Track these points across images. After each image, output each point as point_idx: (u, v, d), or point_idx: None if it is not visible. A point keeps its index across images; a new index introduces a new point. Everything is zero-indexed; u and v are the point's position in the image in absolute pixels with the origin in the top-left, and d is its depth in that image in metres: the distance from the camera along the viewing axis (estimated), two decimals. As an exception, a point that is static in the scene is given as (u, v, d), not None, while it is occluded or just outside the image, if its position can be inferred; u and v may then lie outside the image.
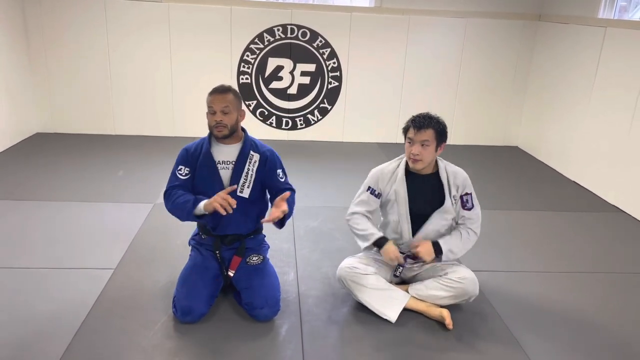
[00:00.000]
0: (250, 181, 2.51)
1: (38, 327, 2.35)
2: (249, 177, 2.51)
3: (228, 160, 2.51)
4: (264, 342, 2.33)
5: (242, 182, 2.50)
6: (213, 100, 2.43)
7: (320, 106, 5.73)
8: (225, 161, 2.52)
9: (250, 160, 2.51)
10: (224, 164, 2.51)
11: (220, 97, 2.43)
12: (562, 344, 2.44)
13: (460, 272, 2.54)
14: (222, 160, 2.51)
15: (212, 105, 2.43)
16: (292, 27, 5.42)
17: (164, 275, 2.83)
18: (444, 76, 5.72)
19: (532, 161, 5.50)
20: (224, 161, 2.51)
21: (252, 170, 2.51)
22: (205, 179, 2.50)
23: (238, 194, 2.48)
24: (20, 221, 3.45)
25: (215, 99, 2.43)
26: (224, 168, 2.51)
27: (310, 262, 3.09)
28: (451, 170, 2.59)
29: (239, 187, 2.49)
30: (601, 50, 4.54)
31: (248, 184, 2.50)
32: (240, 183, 2.49)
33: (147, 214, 3.64)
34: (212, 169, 2.49)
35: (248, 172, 2.50)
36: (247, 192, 2.51)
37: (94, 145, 5.23)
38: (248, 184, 2.50)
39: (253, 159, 2.52)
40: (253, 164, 2.51)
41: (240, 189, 2.49)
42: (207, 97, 2.47)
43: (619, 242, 3.62)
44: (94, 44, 5.29)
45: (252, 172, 2.51)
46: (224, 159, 2.52)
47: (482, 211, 2.66)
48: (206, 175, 2.50)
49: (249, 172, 2.50)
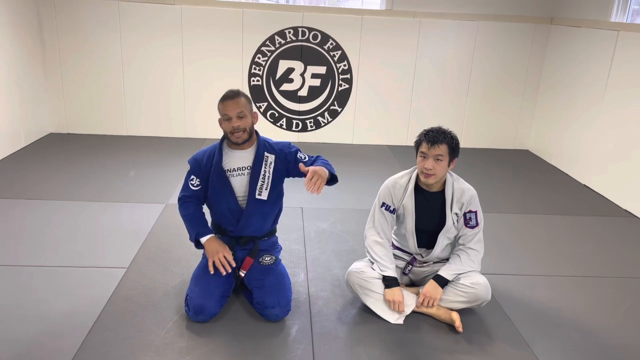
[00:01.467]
0: (268, 183, 2.52)
1: (52, 324, 2.39)
2: (266, 179, 2.51)
3: (244, 166, 2.52)
4: (274, 342, 2.35)
5: (259, 184, 2.50)
6: (226, 106, 2.42)
7: (331, 108, 5.75)
8: (241, 167, 2.52)
9: (266, 162, 2.51)
10: (240, 170, 2.52)
11: (233, 103, 2.41)
12: (572, 347, 2.43)
13: (473, 278, 2.54)
14: (238, 167, 2.52)
15: (226, 112, 2.41)
16: (303, 30, 5.44)
17: (177, 274, 2.86)
18: (454, 79, 5.72)
19: (543, 165, 5.47)
20: (239, 167, 2.52)
21: (269, 172, 2.51)
22: (216, 190, 2.53)
23: (257, 196, 2.50)
24: (34, 220, 3.50)
25: (229, 105, 2.41)
26: (241, 174, 2.52)
27: (320, 263, 3.11)
28: (458, 187, 2.56)
29: (257, 191, 2.50)
30: (613, 54, 4.52)
31: (266, 186, 2.51)
32: (257, 186, 2.50)
33: (159, 213, 3.68)
34: (223, 181, 2.50)
35: (265, 174, 2.51)
36: (266, 195, 2.52)
37: (107, 145, 5.29)
38: (266, 186, 2.51)
39: (269, 160, 2.52)
40: (269, 166, 2.52)
41: (258, 192, 2.50)
42: (219, 104, 2.45)
43: (629, 247, 3.60)
44: (107, 46, 5.35)
45: (269, 173, 2.52)
46: (240, 165, 2.52)
47: (492, 214, 2.65)
48: (217, 187, 2.52)
49: (265, 175, 2.51)
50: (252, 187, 2.50)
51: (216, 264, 2.45)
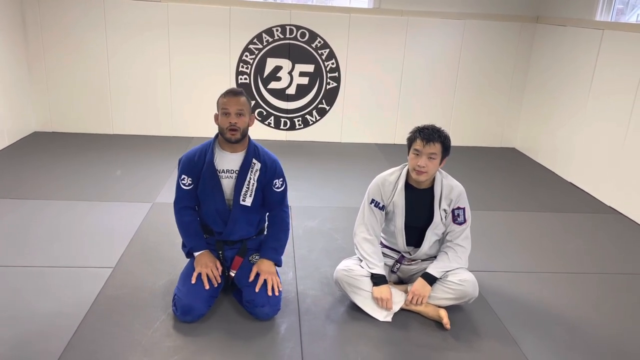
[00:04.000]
0: (252, 190, 2.51)
1: (37, 325, 2.35)
2: (250, 185, 2.51)
3: (232, 169, 2.51)
4: (263, 341, 2.34)
5: (244, 190, 2.50)
6: (228, 102, 2.42)
7: (319, 107, 5.75)
8: (229, 170, 2.51)
9: (252, 168, 2.51)
10: (228, 172, 2.51)
11: (235, 100, 2.42)
12: (559, 342, 2.46)
13: (460, 275, 2.55)
14: (226, 169, 2.51)
15: (226, 107, 2.41)
16: (290, 28, 5.43)
17: (163, 274, 2.84)
18: (442, 77, 5.74)
19: (529, 163, 5.52)
20: (228, 170, 2.51)
21: (253, 180, 2.51)
22: (206, 189, 2.51)
23: (241, 202, 2.51)
24: (18, 220, 3.46)
25: (231, 101, 2.42)
26: (228, 177, 2.51)
27: (309, 261, 3.10)
28: (447, 184, 2.57)
29: (242, 196, 2.50)
30: (598, 52, 4.57)
31: (250, 193, 2.51)
32: (242, 192, 2.50)
33: (146, 213, 3.64)
34: (215, 180, 2.49)
35: (250, 180, 2.50)
36: (249, 201, 2.52)
37: (92, 144, 5.23)
38: (250, 193, 2.51)
39: (255, 167, 2.51)
40: (254, 173, 2.51)
41: (242, 197, 2.50)
42: (220, 99, 2.45)
43: (614, 243, 3.65)
44: (93, 43, 5.29)
45: (254, 180, 2.51)
46: (228, 168, 2.51)
47: (479, 211, 2.67)
48: (208, 186, 2.50)
49: (250, 181, 2.51)
50: (237, 192, 2.50)
51: (202, 276, 2.45)
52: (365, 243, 2.60)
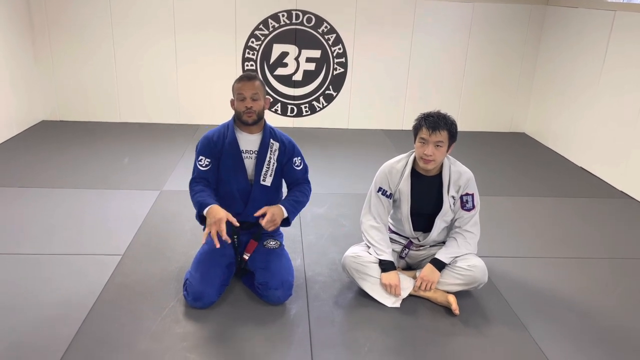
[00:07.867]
0: (272, 169, 2.55)
1: (47, 313, 2.37)
2: (271, 165, 2.55)
3: (251, 149, 2.54)
4: (272, 326, 2.34)
5: (264, 170, 2.54)
6: (242, 87, 2.46)
7: (326, 93, 5.71)
8: (248, 150, 2.54)
9: (271, 148, 2.54)
10: (248, 153, 2.54)
11: (250, 84, 2.46)
12: (568, 327, 2.44)
13: (470, 260, 2.53)
14: (246, 150, 2.54)
15: (241, 92, 2.46)
16: (297, 13, 5.38)
17: (172, 261, 2.85)
18: (450, 62, 5.67)
19: (539, 147, 5.47)
20: (247, 150, 2.54)
21: (273, 159, 2.55)
22: (229, 169, 2.52)
23: (261, 182, 2.53)
24: (27, 208, 3.48)
25: (245, 85, 2.46)
26: (248, 157, 2.54)
27: (317, 248, 3.10)
28: (455, 170, 2.54)
29: (262, 176, 2.53)
30: (610, 34, 4.49)
31: (270, 173, 2.55)
32: (262, 172, 2.53)
33: (154, 200, 3.65)
34: (237, 159, 2.52)
35: (270, 160, 2.54)
36: (269, 181, 2.56)
37: (100, 132, 5.24)
38: (270, 172, 2.55)
39: (274, 147, 2.55)
40: (274, 152, 2.55)
41: (262, 177, 2.53)
42: (235, 84, 2.50)
43: (625, 228, 3.61)
44: (99, 31, 5.27)
45: (274, 160, 2.55)
46: (247, 149, 2.54)
47: (489, 197, 2.65)
48: (230, 165, 2.52)
49: (270, 161, 2.54)
50: (258, 172, 2.53)
51: (212, 235, 2.29)
52: (373, 230, 2.59)
